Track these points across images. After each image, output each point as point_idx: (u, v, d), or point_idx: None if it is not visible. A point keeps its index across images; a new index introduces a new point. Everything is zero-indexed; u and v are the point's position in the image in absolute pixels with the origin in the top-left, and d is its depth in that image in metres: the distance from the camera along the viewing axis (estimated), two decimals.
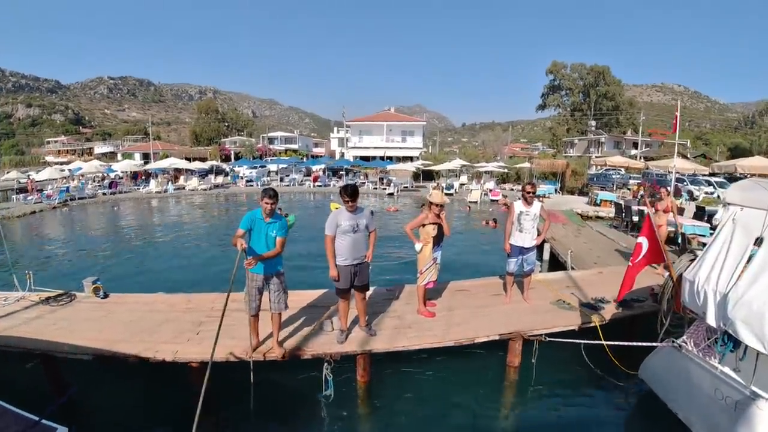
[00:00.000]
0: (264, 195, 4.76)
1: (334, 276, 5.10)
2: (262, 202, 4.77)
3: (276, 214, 4.94)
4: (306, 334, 5.50)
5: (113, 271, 11.31)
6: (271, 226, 4.84)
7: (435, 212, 5.92)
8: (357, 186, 5.23)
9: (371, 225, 5.28)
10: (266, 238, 4.82)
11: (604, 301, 6.82)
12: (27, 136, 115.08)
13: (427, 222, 5.95)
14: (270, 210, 4.77)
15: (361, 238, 5.17)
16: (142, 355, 4.98)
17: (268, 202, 4.73)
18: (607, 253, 10.90)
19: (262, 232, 4.81)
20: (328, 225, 5.09)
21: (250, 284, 4.90)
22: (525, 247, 6.39)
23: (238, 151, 59.95)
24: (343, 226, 5.04)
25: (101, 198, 28.58)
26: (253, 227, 4.80)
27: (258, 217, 4.82)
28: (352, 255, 5.13)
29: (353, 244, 5.10)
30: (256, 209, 4.90)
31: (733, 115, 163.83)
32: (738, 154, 49.02)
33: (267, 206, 4.74)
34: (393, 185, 31.72)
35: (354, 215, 5.11)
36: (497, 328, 5.70)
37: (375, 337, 5.37)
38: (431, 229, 5.95)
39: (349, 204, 5.02)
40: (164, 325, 5.87)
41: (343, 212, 5.10)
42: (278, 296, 4.98)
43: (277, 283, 4.97)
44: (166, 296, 7.17)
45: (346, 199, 4.99)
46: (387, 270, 10.76)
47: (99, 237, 16.37)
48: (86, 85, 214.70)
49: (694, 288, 4.42)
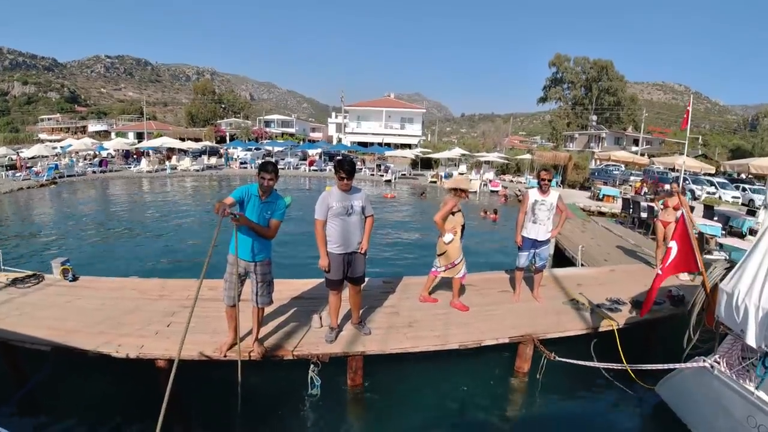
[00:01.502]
0: (261, 169, 4.07)
1: (324, 265, 4.44)
2: (258, 177, 4.08)
3: (274, 193, 4.26)
4: (291, 330, 4.85)
5: (90, 251, 10.64)
6: (267, 206, 4.17)
7: (462, 198, 5.46)
8: (354, 161, 4.48)
9: (368, 208, 4.60)
10: (259, 220, 4.13)
11: (620, 302, 6.27)
12: (22, 113, 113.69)
13: (455, 210, 5.42)
14: (268, 187, 4.09)
15: (356, 223, 4.51)
16: (102, 351, 4.36)
17: (266, 177, 4.04)
18: (615, 250, 10.31)
19: (256, 211, 4.13)
20: (318, 207, 4.41)
21: (229, 269, 4.22)
22: (538, 240, 5.77)
23: (233, 132, 58.90)
24: (335, 208, 4.37)
25: (90, 176, 27.89)
26: (246, 203, 4.12)
27: (254, 193, 4.13)
28: (345, 241, 4.47)
29: (346, 228, 4.44)
30: (252, 184, 4.22)
31: (732, 117, 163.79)
32: (739, 156, 48.69)
33: (264, 182, 4.05)
34: (390, 172, 31.02)
35: (348, 195, 4.44)
36: (506, 329, 5.10)
37: (369, 337, 4.74)
38: (460, 217, 5.44)
39: (344, 182, 4.33)
40: (132, 314, 5.22)
41: (335, 192, 4.43)
42: (262, 288, 4.30)
43: (262, 273, 4.29)
44: (139, 281, 6.52)
45: (342, 175, 4.29)
46: (384, 260, 10.12)
47: (82, 215, 15.59)
48: (83, 63, 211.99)
49: (733, 302, 3.83)
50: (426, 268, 7.23)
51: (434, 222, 5.52)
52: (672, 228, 8.43)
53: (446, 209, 5.42)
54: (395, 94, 64.11)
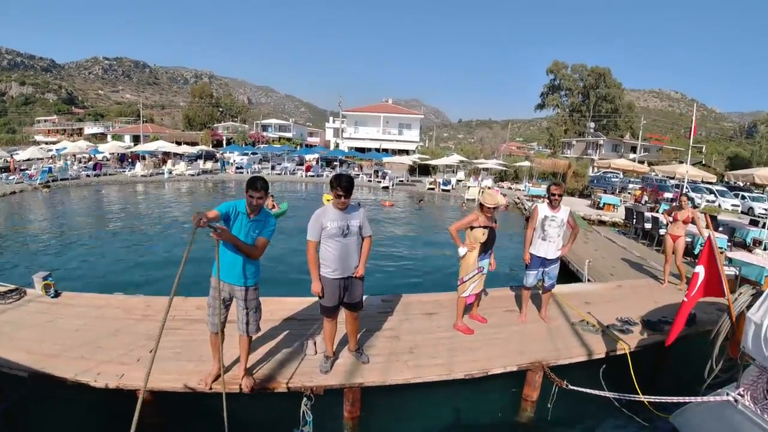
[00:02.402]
0: (249, 186, 3.68)
1: (318, 291, 4.07)
2: (246, 194, 3.71)
3: (264, 211, 3.90)
4: (283, 358, 4.48)
5: (78, 261, 10.22)
6: (256, 224, 3.80)
7: (487, 215, 5.07)
8: (352, 177, 4.10)
9: (366, 228, 4.21)
10: (246, 239, 3.77)
11: (630, 322, 5.97)
12: (19, 114, 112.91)
13: (476, 225, 5.06)
14: (257, 206, 3.74)
15: (353, 244, 4.12)
16: (81, 379, 4.01)
17: (254, 195, 3.67)
18: (621, 263, 10.00)
19: (243, 230, 3.78)
20: (311, 227, 4.03)
21: (212, 293, 3.85)
22: (548, 259, 5.44)
23: (230, 136, 58.53)
24: (330, 229, 3.99)
25: (84, 180, 27.41)
26: (232, 220, 3.77)
27: (241, 210, 3.78)
28: (341, 265, 4.08)
29: (342, 251, 4.06)
30: (239, 200, 3.84)
31: (728, 125, 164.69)
32: (737, 163, 48.64)
33: (253, 201, 3.69)
34: (388, 179, 30.68)
35: (344, 214, 4.04)
36: (514, 355, 4.76)
37: (367, 366, 4.37)
38: (480, 234, 5.06)
39: (341, 200, 3.93)
40: (114, 337, 4.84)
41: (330, 210, 4.03)
42: (248, 316, 3.93)
43: (250, 299, 3.92)
44: (123, 298, 6.12)
45: (338, 192, 3.89)
46: (382, 275, 9.70)
47: (72, 222, 15.14)
48: (81, 64, 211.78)
49: (762, 332, 3.51)
50: (428, 284, 6.93)
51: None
52: (682, 242, 8.16)
53: (462, 221, 5.16)
54: (393, 100, 63.94)
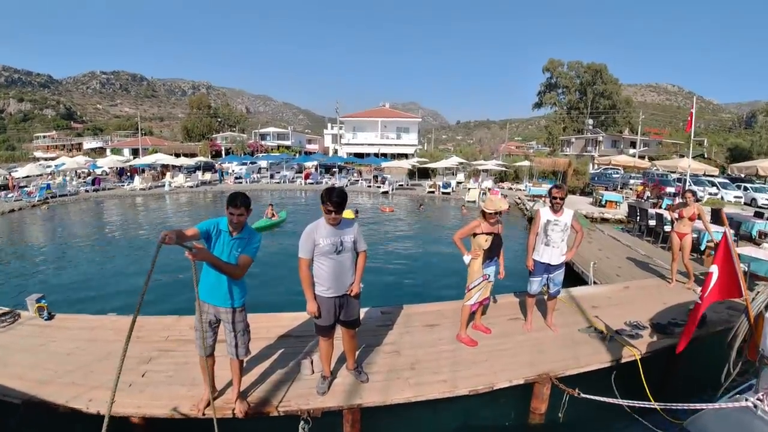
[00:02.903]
0: (230, 203, 3.49)
1: (313, 311, 3.87)
2: (227, 211, 3.53)
3: (248, 227, 3.71)
4: (278, 379, 4.28)
5: (74, 280, 10.04)
6: (239, 243, 3.61)
7: (490, 221, 4.90)
8: (345, 191, 3.86)
9: (360, 243, 4.01)
10: (229, 258, 3.58)
11: (639, 326, 5.77)
12: (18, 131, 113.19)
13: (479, 231, 4.89)
14: (238, 223, 3.55)
15: (347, 261, 3.93)
16: (73, 405, 3.88)
17: (234, 212, 3.49)
18: (626, 262, 9.79)
19: (226, 248, 3.59)
20: (302, 244, 3.81)
21: (197, 315, 3.66)
22: (552, 265, 5.24)
23: (229, 146, 58.51)
24: (322, 246, 3.78)
25: (83, 195, 27.23)
26: (213, 239, 3.58)
27: (223, 228, 3.59)
28: (336, 283, 3.89)
29: (336, 269, 3.86)
30: (221, 217, 3.66)
31: (726, 116, 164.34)
32: (737, 154, 48.46)
33: (233, 218, 3.51)
34: (388, 183, 30.51)
35: (337, 230, 3.84)
36: (520, 368, 4.55)
37: (366, 385, 4.17)
38: (483, 240, 4.90)
39: (332, 216, 3.72)
40: (106, 361, 4.69)
41: (322, 226, 3.82)
42: (237, 338, 3.74)
43: (236, 322, 3.73)
44: (116, 319, 5.95)
45: (329, 207, 3.67)
46: (382, 286, 9.44)
47: (70, 240, 14.95)
48: (78, 79, 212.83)
49: None
50: (430, 293, 6.70)
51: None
52: (688, 240, 7.95)
53: (465, 229, 5.01)
54: (391, 104, 63.86)
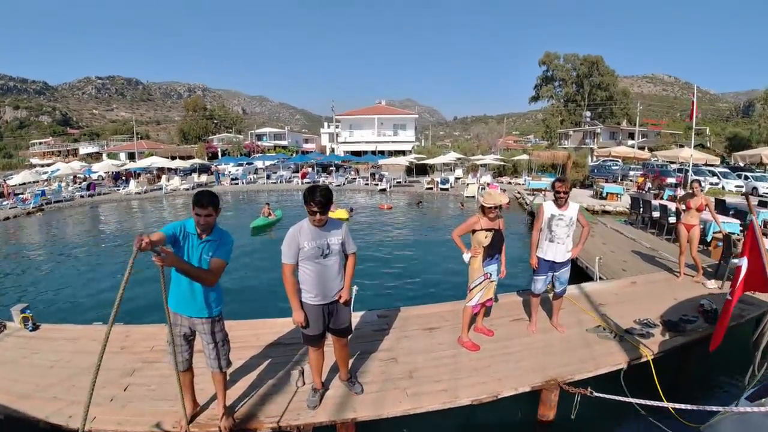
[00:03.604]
0: (195, 203, 3.18)
1: (300, 321, 3.56)
2: (192, 212, 3.24)
3: (218, 229, 3.38)
4: (267, 391, 3.98)
5: (62, 290, 9.72)
6: (209, 246, 3.28)
7: (490, 216, 4.57)
8: (330, 189, 3.52)
9: (349, 245, 3.70)
10: (200, 263, 3.26)
11: (650, 324, 5.49)
12: (14, 138, 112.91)
13: (478, 227, 4.59)
14: (205, 225, 3.23)
15: (335, 266, 3.61)
16: (53, 421, 3.67)
17: (201, 213, 3.17)
18: (631, 256, 9.50)
19: (195, 253, 3.27)
20: (285, 248, 3.49)
21: (170, 328, 3.28)
22: (557, 262, 4.94)
23: (225, 148, 58.20)
24: (307, 249, 3.47)
25: (78, 201, 27.04)
26: (181, 242, 3.26)
27: (190, 230, 3.27)
28: (323, 290, 3.57)
29: (323, 274, 3.55)
30: (188, 218, 3.35)
31: (723, 105, 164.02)
32: (736, 143, 48.19)
33: (200, 219, 3.20)
34: (385, 180, 30.22)
35: (322, 232, 3.53)
36: (526, 373, 4.26)
37: (360, 397, 3.87)
38: (483, 236, 4.59)
39: (316, 217, 3.40)
40: (88, 374, 4.34)
41: (306, 228, 3.51)
42: (215, 350, 3.44)
43: (213, 332, 3.42)
44: (100, 329, 5.66)
45: (313, 208, 3.36)
46: (379, 288, 9.10)
47: (62, 247, 14.66)
48: (74, 85, 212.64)
49: None
50: (429, 295, 6.41)
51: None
52: (696, 232, 7.65)
53: (463, 225, 4.70)
54: (387, 101, 63.52)
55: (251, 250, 12.76)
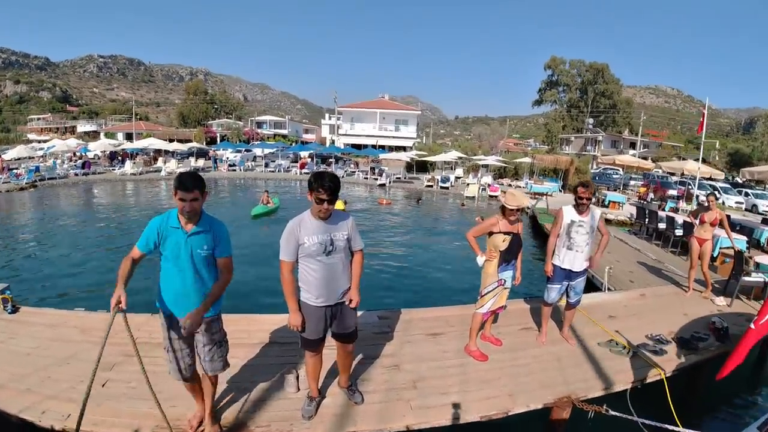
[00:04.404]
0: (178, 186, 2.71)
1: (296, 325, 3.16)
2: (175, 197, 2.75)
3: (206, 217, 2.91)
4: (258, 397, 3.66)
5: (45, 270, 9.32)
6: (200, 240, 2.83)
7: (510, 218, 4.25)
8: (338, 177, 3.12)
9: (356, 240, 3.29)
10: (192, 260, 2.82)
11: (662, 340, 5.24)
12: (14, 113, 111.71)
13: (496, 230, 4.26)
14: (192, 211, 2.76)
15: (340, 264, 3.19)
16: (25, 417, 3.37)
17: (186, 197, 2.71)
18: (638, 267, 9.27)
19: (183, 250, 2.81)
20: (284, 243, 3.08)
21: (166, 334, 2.99)
22: (573, 271, 4.64)
23: (224, 133, 57.63)
24: (308, 245, 3.05)
25: (72, 179, 26.58)
26: (163, 242, 2.82)
27: (173, 224, 2.82)
28: (326, 291, 3.18)
29: (326, 273, 3.14)
30: (169, 210, 2.90)
31: (724, 121, 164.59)
32: (738, 159, 48.21)
33: (185, 205, 2.73)
34: (385, 176, 29.86)
35: (327, 225, 3.11)
36: (538, 388, 3.97)
37: (361, 408, 3.56)
38: (501, 240, 4.26)
39: (324, 206, 2.98)
40: (66, 364, 4.11)
41: (308, 221, 3.09)
42: (212, 351, 3.10)
43: (210, 333, 3.07)
44: (83, 315, 5.33)
45: (321, 196, 2.93)
46: (379, 287, 8.66)
47: (52, 225, 14.25)
48: (76, 63, 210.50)
49: None
50: (430, 297, 6.11)
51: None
52: (709, 246, 7.37)
53: (480, 226, 4.38)
54: (389, 97, 63.02)
55: (248, 240, 12.40)
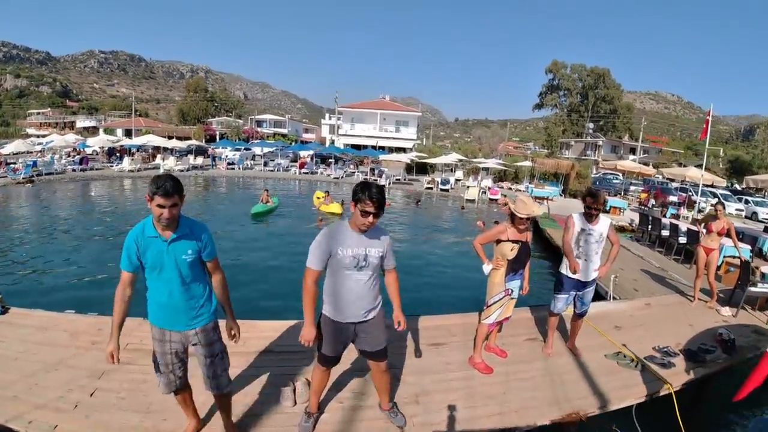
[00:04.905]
0: (155, 191, 2.44)
1: (309, 339, 2.87)
2: (151, 204, 2.49)
3: (185, 220, 2.67)
4: (250, 411, 3.46)
5: (38, 269, 9.12)
6: (182, 246, 2.62)
7: (519, 227, 4.07)
8: (384, 189, 2.88)
9: (389, 258, 3.04)
10: (177, 269, 2.61)
11: (670, 353, 5.09)
12: (13, 107, 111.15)
13: (504, 238, 4.09)
14: (170, 218, 2.51)
15: (369, 281, 2.92)
16: (12, 426, 3.19)
17: (165, 203, 2.46)
18: (642, 275, 9.14)
19: (167, 258, 2.59)
20: (315, 250, 2.83)
21: (158, 347, 2.78)
22: (582, 281, 4.48)
23: (224, 131, 57.43)
24: (341, 257, 2.81)
25: (70, 174, 26.36)
26: (143, 255, 2.58)
27: (150, 233, 2.58)
28: (352, 307, 2.94)
29: (354, 289, 2.89)
30: (144, 220, 2.65)
31: (724, 128, 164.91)
32: (738, 167, 48.18)
33: (164, 213, 2.47)
34: (385, 177, 29.72)
35: (364, 239, 2.86)
36: (545, 404, 3.81)
37: (363, 425, 3.36)
38: (509, 249, 4.08)
39: (369, 219, 2.75)
40: (55, 371, 3.93)
41: (346, 231, 2.86)
42: (213, 365, 2.87)
43: (209, 343, 2.83)
44: (73, 318, 5.14)
45: (368, 209, 2.70)
46: None
47: (46, 221, 14.05)
48: (76, 58, 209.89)
49: None
50: (431, 303, 5.96)
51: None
52: (715, 256, 7.22)
53: (488, 233, 4.21)
54: (390, 98, 62.88)
55: (245, 239, 12.23)
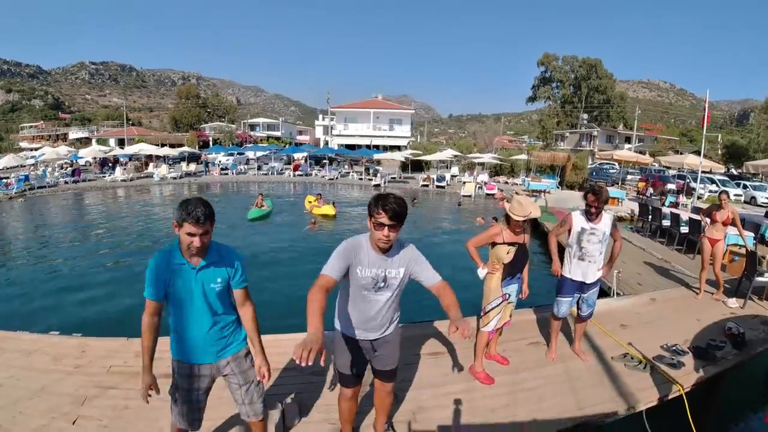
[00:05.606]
0: (186, 218, 2.21)
1: (307, 350, 2.23)
2: (180, 230, 2.26)
3: (215, 246, 2.44)
4: None
5: (27, 289, 8.85)
6: (212, 274, 2.38)
7: (516, 229, 3.83)
8: (405, 201, 2.51)
9: (427, 271, 2.65)
10: (206, 299, 2.38)
11: (679, 351, 4.87)
12: (6, 122, 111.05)
13: (499, 240, 3.86)
14: (201, 245, 2.29)
15: (387, 301, 2.66)
16: None
17: (195, 232, 2.22)
18: (644, 267, 8.93)
19: (195, 287, 2.35)
20: (335, 260, 2.48)
21: (184, 383, 2.51)
22: (586, 283, 4.26)
23: (217, 137, 57.11)
24: (360, 277, 2.53)
25: (62, 187, 26.18)
26: (171, 284, 2.34)
27: (176, 261, 2.34)
28: (366, 325, 2.71)
29: (369, 310, 2.65)
30: (169, 245, 2.43)
31: (717, 113, 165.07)
32: (734, 152, 48.06)
33: (195, 241, 2.25)
34: (380, 176, 29.52)
35: (384, 258, 2.55)
36: (550, 415, 3.57)
37: None
38: (505, 252, 3.86)
39: (384, 233, 2.41)
40: (37, 398, 3.71)
41: (366, 250, 2.54)
42: (250, 392, 2.64)
43: (242, 370, 2.60)
44: (57, 340, 4.90)
45: (380, 218, 2.38)
46: None
47: (38, 238, 13.75)
48: (67, 70, 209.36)
49: None
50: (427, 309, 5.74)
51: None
52: (721, 247, 7.02)
53: (482, 236, 3.97)
54: (383, 97, 62.62)
55: (244, 245, 11.95)
